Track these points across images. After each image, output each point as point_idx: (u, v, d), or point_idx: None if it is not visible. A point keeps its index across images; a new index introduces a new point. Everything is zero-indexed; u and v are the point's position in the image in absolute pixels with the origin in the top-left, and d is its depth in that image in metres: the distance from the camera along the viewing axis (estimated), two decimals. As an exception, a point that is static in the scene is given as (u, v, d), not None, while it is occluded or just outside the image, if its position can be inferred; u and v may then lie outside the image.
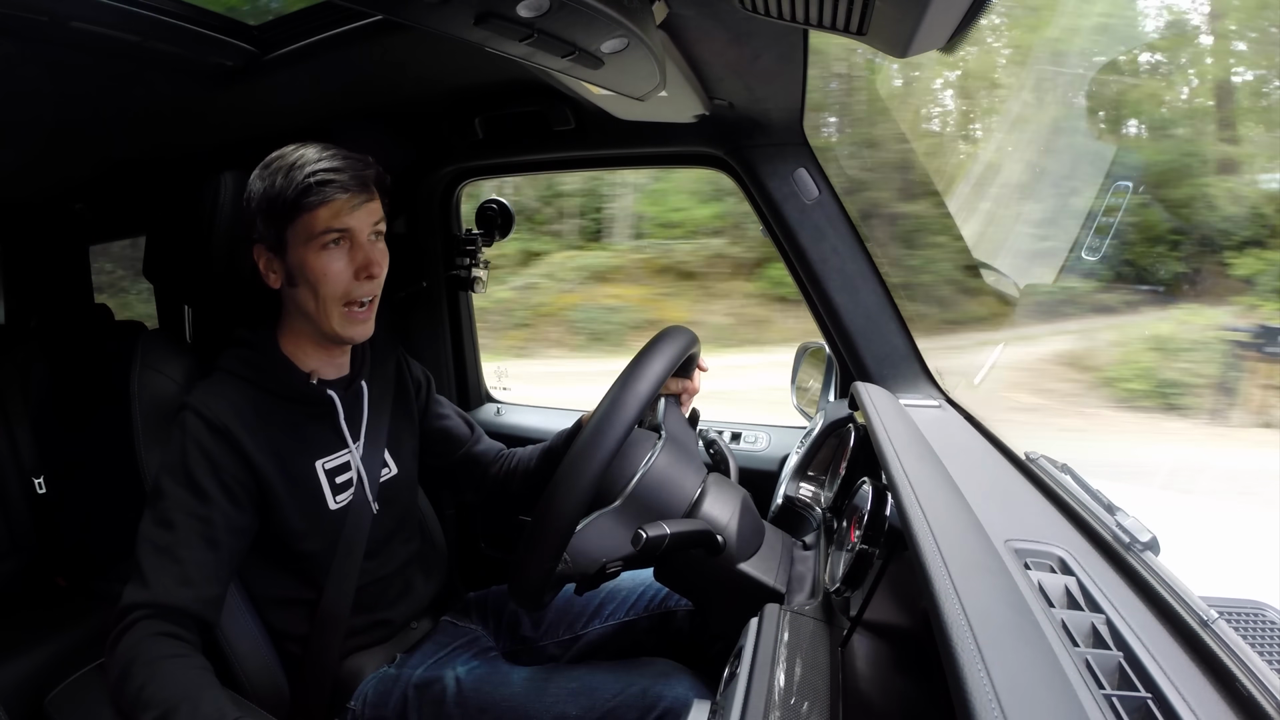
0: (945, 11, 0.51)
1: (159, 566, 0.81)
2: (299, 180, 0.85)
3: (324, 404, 0.96)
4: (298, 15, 1.03)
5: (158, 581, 0.80)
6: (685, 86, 0.95)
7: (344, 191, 0.86)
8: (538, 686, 0.90)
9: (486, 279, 1.68)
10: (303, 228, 0.87)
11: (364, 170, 0.88)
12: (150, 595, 0.79)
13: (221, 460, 0.86)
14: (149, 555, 0.82)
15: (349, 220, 0.88)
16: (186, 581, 0.81)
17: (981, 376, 1.43)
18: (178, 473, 0.85)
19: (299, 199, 0.85)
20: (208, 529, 0.84)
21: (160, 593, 0.80)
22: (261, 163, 0.90)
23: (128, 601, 0.80)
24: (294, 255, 0.88)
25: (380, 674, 0.98)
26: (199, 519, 0.84)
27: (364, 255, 0.89)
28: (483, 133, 1.35)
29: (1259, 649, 0.54)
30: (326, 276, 0.88)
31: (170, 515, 0.83)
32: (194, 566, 0.82)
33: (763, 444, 1.46)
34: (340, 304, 0.89)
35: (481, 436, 1.18)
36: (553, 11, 0.51)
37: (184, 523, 0.83)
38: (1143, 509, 0.65)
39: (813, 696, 0.64)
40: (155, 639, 0.77)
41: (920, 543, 0.54)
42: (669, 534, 0.74)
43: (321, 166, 0.85)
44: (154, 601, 0.79)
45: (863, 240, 1.24)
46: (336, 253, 0.88)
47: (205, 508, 0.84)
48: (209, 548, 0.84)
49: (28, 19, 0.81)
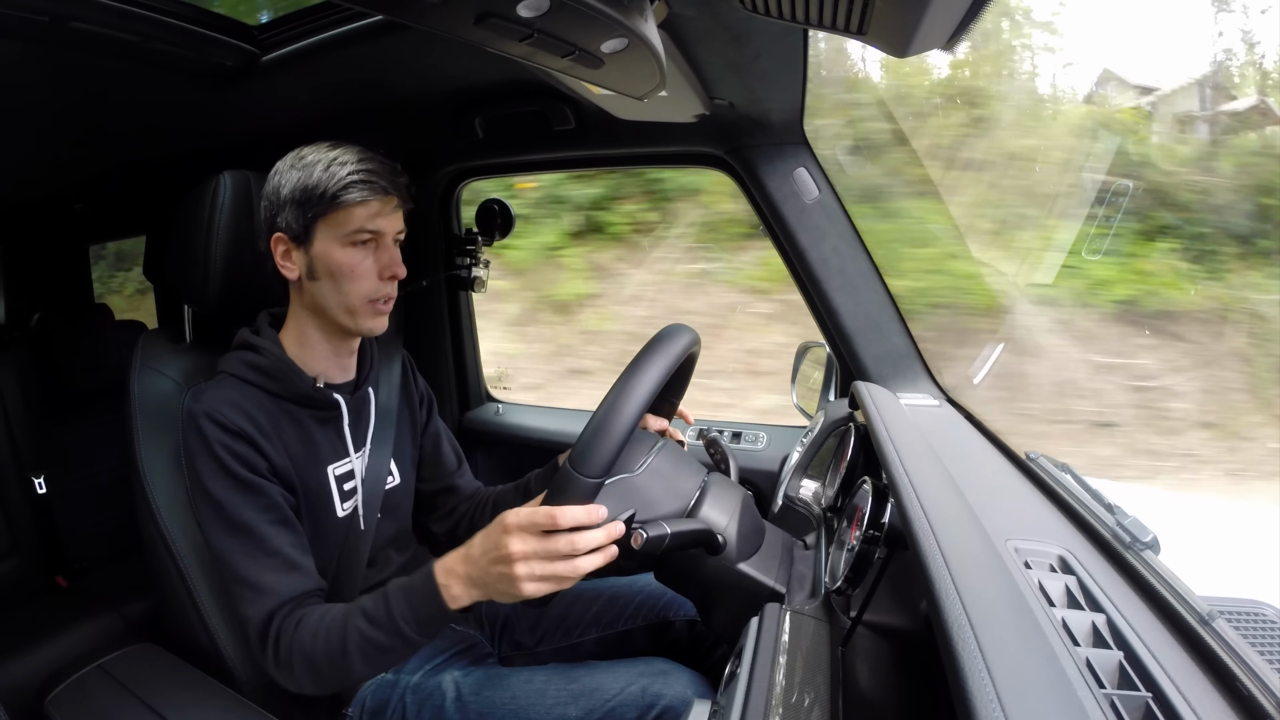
0: (945, 11, 0.51)
1: (256, 571, 0.83)
2: (342, 176, 0.86)
3: (330, 408, 0.95)
4: (297, 15, 1.03)
5: (266, 585, 0.83)
6: (685, 86, 0.95)
7: (384, 194, 0.88)
8: (537, 689, 0.90)
9: (486, 278, 1.68)
10: (336, 222, 0.88)
11: (398, 178, 0.90)
12: (269, 601, 0.82)
13: (251, 459, 0.87)
14: (241, 567, 0.83)
15: (382, 223, 0.89)
16: (291, 567, 0.84)
17: (982, 376, 1.43)
18: (220, 478, 0.85)
19: (340, 193, 0.86)
20: (278, 513, 0.86)
21: (275, 596, 0.82)
22: (294, 152, 0.90)
23: (255, 616, 0.82)
24: (320, 247, 0.89)
25: (378, 681, 0.97)
26: (264, 509, 0.85)
27: (389, 256, 0.91)
28: (483, 132, 1.35)
29: (1259, 648, 0.54)
30: (355, 273, 0.89)
31: (238, 518, 0.84)
32: (290, 551, 0.85)
33: (763, 444, 1.46)
34: (365, 300, 0.91)
35: (466, 471, 1.18)
36: (553, 11, 0.51)
37: (253, 520, 0.84)
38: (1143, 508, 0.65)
39: (813, 696, 0.64)
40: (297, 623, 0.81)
41: (921, 542, 0.54)
42: (669, 534, 0.74)
43: (364, 168, 0.87)
44: (279, 603, 0.82)
45: (863, 240, 1.24)
46: (364, 251, 0.90)
47: (265, 496, 0.86)
48: (288, 529, 0.87)
49: (28, 19, 0.82)
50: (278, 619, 0.82)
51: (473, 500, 1.15)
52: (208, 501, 0.85)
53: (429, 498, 1.15)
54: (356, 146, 0.90)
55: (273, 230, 0.90)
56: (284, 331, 0.96)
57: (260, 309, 0.99)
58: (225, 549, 0.84)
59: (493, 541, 0.73)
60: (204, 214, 0.97)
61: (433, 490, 1.14)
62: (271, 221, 0.90)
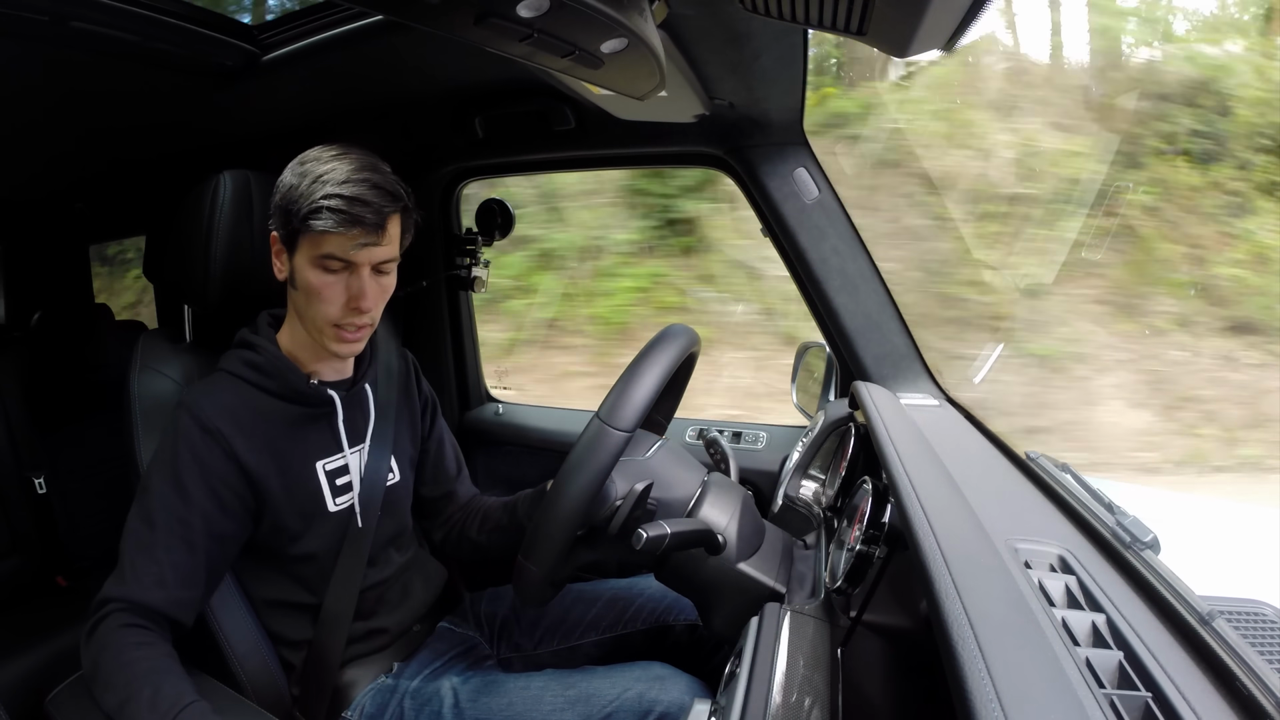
0: (945, 11, 0.51)
1: (138, 563, 0.83)
2: (316, 198, 0.81)
3: (324, 404, 0.95)
4: (298, 15, 1.03)
5: (135, 578, 0.82)
6: (685, 86, 0.95)
7: (356, 227, 0.82)
8: (534, 695, 0.90)
9: (487, 278, 1.69)
10: (310, 242, 0.85)
11: (387, 207, 0.84)
12: (126, 591, 0.81)
13: (211, 463, 0.86)
14: (130, 550, 0.84)
15: (357, 255, 0.85)
16: (162, 582, 0.82)
17: (982, 375, 1.43)
18: (165, 471, 0.86)
19: (310, 217, 0.82)
20: (188, 532, 0.84)
21: (136, 590, 0.81)
22: (306, 151, 0.87)
23: (105, 594, 0.82)
24: (299, 260, 0.87)
25: (377, 684, 0.97)
26: (180, 521, 0.84)
27: (359, 287, 0.86)
28: (483, 132, 1.35)
29: (1259, 648, 0.54)
30: (320, 297, 0.86)
31: (154, 513, 0.84)
32: (170, 568, 0.83)
33: (763, 444, 1.46)
34: (329, 324, 0.88)
35: (466, 478, 1.17)
36: (553, 11, 0.51)
37: (166, 523, 0.84)
38: (1143, 508, 0.65)
39: (813, 695, 0.64)
40: (125, 630, 0.80)
41: (921, 542, 0.54)
42: (669, 533, 0.74)
43: (343, 193, 0.81)
44: (128, 597, 0.81)
45: (862, 240, 1.24)
46: (335, 277, 0.86)
47: (188, 510, 0.85)
48: (188, 551, 0.84)
49: (28, 19, 0.82)
50: (111, 608, 0.80)
51: (466, 509, 1.14)
52: (142, 483, 0.87)
53: (431, 503, 1.14)
54: (359, 158, 0.85)
55: (271, 228, 0.91)
56: (282, 330, 0.96)
57: (260, 309, 0.99)
58: (129, 526, 0.85)
59: None
60: (204, 214, 0.97)
61: (434, 496, 1.14)
62: (271, 217, 0.90)
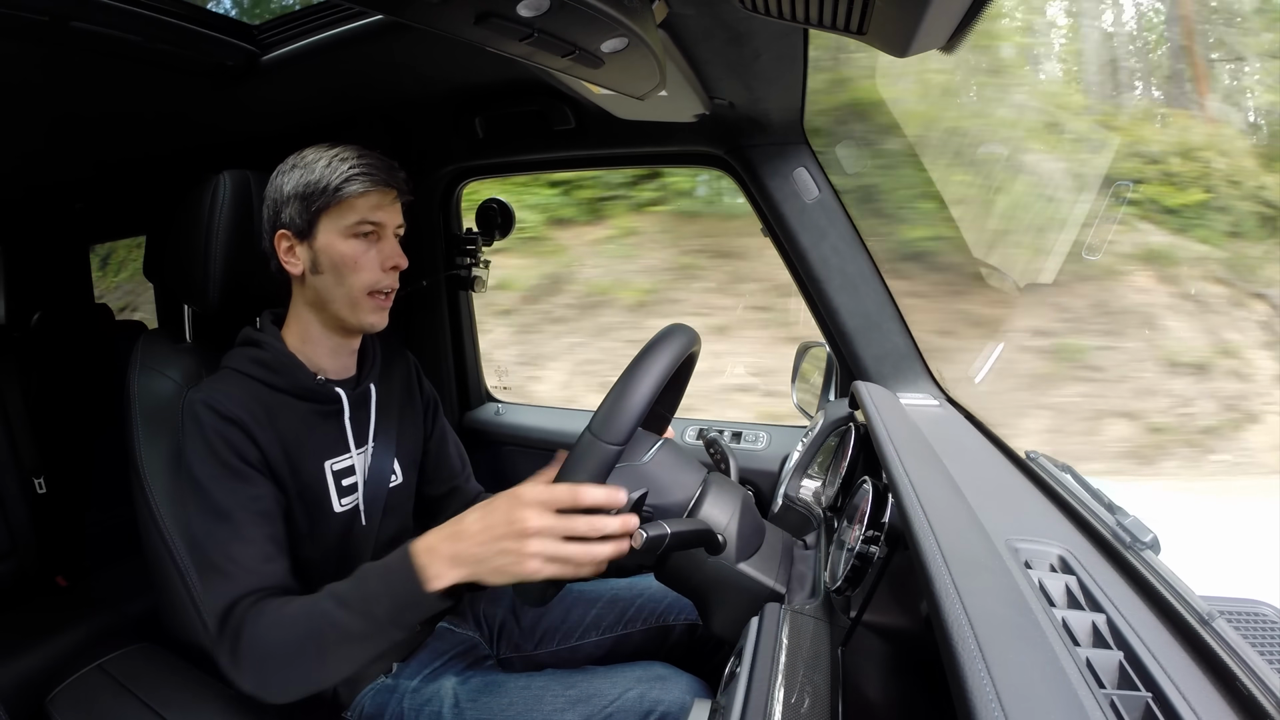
0: (945, 11, 0.51)
1: (234, 554, 0.80)
2: (344, 170, 0.89)
3: (332, 402, 0.95)
4: (298, 15, 1.03)
5: (240, 570, 0.79)
6: (685, 86, 0.95)
7: (384, 186, 0.91)
8: (534, 695, 0.90)
9: (487, 278, 1.69)
10: (338, 215, 0.90)
11: (396, 172, 0.93)
12: (237, 587, 0.79)
13: (241, 446, 0.86)
14: (215, 551, 0.81)
15: (382, 215, 0.92)
16: (267, 557, 0.82)
17: (982, 375, 1.43)
18: (208, 463, 0.84)
19: (342, 185, 0.88)
20: (259, 503, 0.85)
21: (247, 580, 0.79)
22: (295, 154, 0.93)
23: (221, 604, 0.78)
24: (323, 240, 0.91)
25: (377, 685, 0.97)
26: (249, 498, 0.84)
27: (391, 248, 0.94)
28: (483, 132, 1.35)
29: (1259, 648, 0.54)
30: (358, 264, 0.91)
31: (219, 503, 0.82)
32: (265, 542, 0.82)
33: (763, 444, 1.46)
34: (365, 292, 0.92)
35: (470, 476, 1.18)
36: (553, 11, 0.51)
37: (237, 505, 0.82)
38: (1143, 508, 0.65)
39: (813, 696, 0.64)
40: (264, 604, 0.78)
41: (921, 542, 0.54)
42: (669, 533, 0.74)
43: (364, 162, 0.90)
44: (247, 589, 0.79)
45: (863, 239, 1.24)
46: (366, 243, 0.92)
47: (249, 485, 0.85)
48: (269, 522, 0.85)
49: (28, 19, 0.81)
50: (240, 608, 0.77)
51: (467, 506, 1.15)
52: (193, 485, 0.85)
53: (436, 501, 1.14)
54: (356, 145, 0.93)
55: (276, 228, 0.92)
56: (286, 328, 0.97)
57: (260, 309, 0.99)
58: (201, 533, 0.82)
59: (501, 516, 0.70)
60: (204, 214, 0.97)
61: (439, 494, 1.14)
62: (275, 219, 0.92)
